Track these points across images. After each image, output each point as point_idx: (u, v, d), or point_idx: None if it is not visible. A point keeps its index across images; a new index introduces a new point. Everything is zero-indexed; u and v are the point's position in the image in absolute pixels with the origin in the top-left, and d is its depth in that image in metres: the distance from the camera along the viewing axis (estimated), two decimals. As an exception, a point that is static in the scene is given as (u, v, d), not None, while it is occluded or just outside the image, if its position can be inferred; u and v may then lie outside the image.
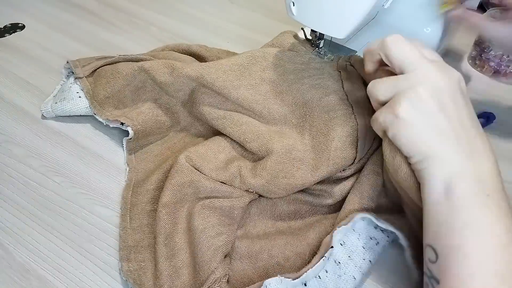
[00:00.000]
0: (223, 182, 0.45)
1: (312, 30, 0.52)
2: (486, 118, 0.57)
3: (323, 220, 0.44)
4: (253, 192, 0.45)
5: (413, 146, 0.34)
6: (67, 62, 0.59)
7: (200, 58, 0.61)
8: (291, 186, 0.43)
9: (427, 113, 0.34)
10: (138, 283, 0.39)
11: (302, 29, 0.56)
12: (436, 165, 0.33)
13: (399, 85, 0.35)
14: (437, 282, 0.31)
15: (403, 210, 0.41)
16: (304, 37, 0.55)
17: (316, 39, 0.53)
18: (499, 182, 0.32)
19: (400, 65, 0.36)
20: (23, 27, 0.74)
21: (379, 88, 0.37)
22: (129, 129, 0.51)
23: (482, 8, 0.64)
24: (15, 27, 0.74)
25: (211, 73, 0.49)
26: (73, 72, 0.58)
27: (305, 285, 0.38)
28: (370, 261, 0.40)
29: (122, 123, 0.52)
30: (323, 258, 0.38)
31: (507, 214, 0.31)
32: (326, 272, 0.39)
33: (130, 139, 0.51)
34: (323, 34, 0.52)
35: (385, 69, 0.41)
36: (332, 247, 0.39)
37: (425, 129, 0.34)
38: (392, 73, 0.38)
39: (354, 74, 0.50)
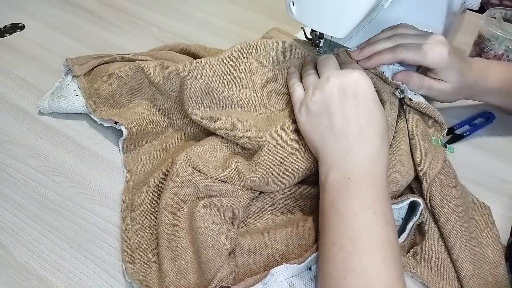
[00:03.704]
0: (222, 181, 0.45)
1: (312, 30, 0.52)
2: (486, 118, 0.57)
3: None
4: (252, 189, 0.45)
5: (308, 143, 0.43)
6: (66, 60, 0.59)
7: (198, 58, 0.61)
8: (289, 173, 0.44)
9: (314, 115, 0.42)
10: (144, 284, 0.39)
11: (302, 28, 0.56)
12: (320, 161, 0.41)
13: (309, 89, 0.44)
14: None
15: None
16: (304, 37, 0.55)
17: (316, 38, 0.53)
18: (369, 168, 0.38)
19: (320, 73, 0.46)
20: (23, 27, 0.74)
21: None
22: (123, 128, 0.51)
23: (482, 8, 0.64)
24: (15, 27, 0.74)
25: (199, 69, 0.50)
26: (71, 70, 0.58)
27: (310, 269, 0.39)
28: None
29: (116, 122, 0.52)
30: None
31: (366, 190, 0.37)
32: None
33: (125, 139, 0.51)
34: (323, 34, 0.52)
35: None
36: None
37: (312, 130, 0.42)
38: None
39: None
